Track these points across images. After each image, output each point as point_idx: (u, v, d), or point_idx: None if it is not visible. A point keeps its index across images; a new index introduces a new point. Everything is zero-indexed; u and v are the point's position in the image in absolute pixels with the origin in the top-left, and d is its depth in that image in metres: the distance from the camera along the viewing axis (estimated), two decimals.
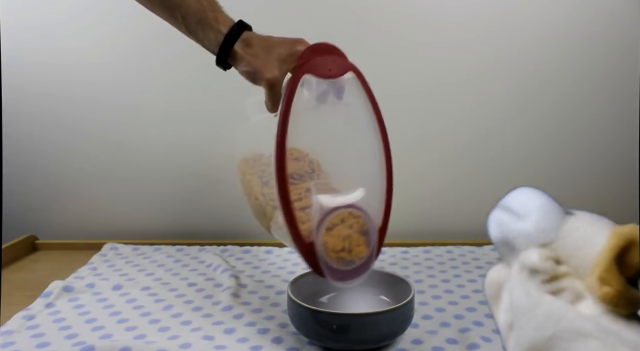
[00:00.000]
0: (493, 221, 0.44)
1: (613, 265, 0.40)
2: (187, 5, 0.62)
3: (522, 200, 0.43)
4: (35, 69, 1.10)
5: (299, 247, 0.60)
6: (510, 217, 0.43)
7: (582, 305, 0.40)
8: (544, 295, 0.41)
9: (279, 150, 0.58)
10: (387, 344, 0.65)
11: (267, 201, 0.69)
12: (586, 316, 0.39)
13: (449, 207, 1.13)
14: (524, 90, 1.09)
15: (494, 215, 0.44)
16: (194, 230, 1.15)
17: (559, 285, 0.41)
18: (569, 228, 0.42)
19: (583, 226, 0.43)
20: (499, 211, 0.44)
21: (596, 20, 1.06)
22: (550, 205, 0.43)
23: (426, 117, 1.11)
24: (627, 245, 0.40)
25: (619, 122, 1.09)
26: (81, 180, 1.15)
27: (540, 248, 0.42)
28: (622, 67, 1.07)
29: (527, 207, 0.43)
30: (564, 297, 0.41)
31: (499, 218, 0.43)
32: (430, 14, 1.07)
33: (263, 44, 0.62)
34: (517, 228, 0.42)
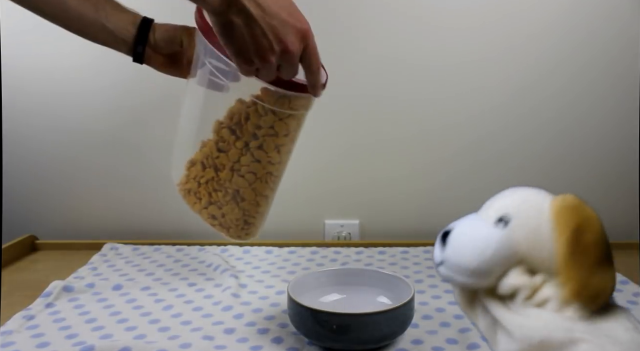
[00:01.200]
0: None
1: (569, 260, 0.39)
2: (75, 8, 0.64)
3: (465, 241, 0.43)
4: (35, 69, 1.10)
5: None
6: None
7: (569, 310, 0.40)
8: (530, 309, 0.41)
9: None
10: (387, 344, 0.65)
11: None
12: (574, 320, 0.39)
13: (449, 207, 1.13)
14: (524, 89, 1.09)
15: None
16: (194, 230, 1.15)
17: (542, 296, 0.41)
18: (513, 235, 0.42)
19: (520, 224, 0.42)
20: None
21: (595, 19, 1.06)
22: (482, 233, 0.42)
23: (426, 117, 1.11)
24: (577, 228, 0.40)
25: (619, 122, 1.09)
26: (81, 180, 1.15)
27: (514, 269, 0.41)
28: (622, 67, 1.07)
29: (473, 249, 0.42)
30: (550, 307, 0.40)
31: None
32: (430, 13, 1.07)
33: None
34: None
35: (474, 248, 0.41)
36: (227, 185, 0.63)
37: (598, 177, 1.11)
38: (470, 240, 0.42)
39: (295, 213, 1.15)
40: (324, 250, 1.03)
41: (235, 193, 0.63)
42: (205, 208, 0.65)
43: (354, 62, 1.09)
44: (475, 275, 0.41)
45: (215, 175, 0.63)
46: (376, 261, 0.97)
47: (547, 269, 0.41)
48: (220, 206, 0.64)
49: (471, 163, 1.12)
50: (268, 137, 0.61)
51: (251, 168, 0.62)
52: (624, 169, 1.09)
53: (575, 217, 0.40)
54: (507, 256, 0.41)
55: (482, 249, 0.41)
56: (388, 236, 1.13)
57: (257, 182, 0.64)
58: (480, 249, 0.41)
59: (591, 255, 0.40)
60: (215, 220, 0.65)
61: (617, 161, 1.10)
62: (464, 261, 0.41)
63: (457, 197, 1.12)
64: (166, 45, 0.67)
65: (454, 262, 0.42)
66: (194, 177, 0.65)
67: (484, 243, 0.41)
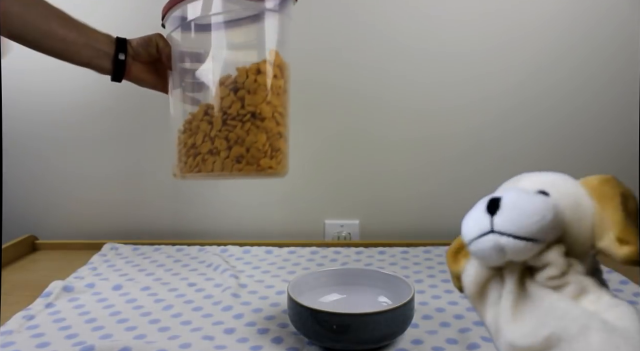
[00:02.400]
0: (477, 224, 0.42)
1: (626, 222, 0.40)
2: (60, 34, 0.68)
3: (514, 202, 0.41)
4: (34, 68, 1.10)
5: None
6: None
7: (585, 300, 0.40)
8: (548, 292, 0.41)
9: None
10: (387, 344, 0.65)
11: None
12: (590, 313, 0.39)
13: (449, 207, 1.13)
14: (523, 90, 1.09)
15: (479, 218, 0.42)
16: (194, 230, 1.15)
17: (565, 279, 0.41)
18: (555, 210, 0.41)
19: (561, 196, 0.42)
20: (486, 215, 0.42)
21: (594, 16, 1.06)
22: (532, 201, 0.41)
23: (427, 118, 1.11)
24: (623, 194, 0.41)
25: (619, 122, 1.09)
26: (81, 180, 1.15)
27: (555, 245, 0.41)
28: (622, 66, 1.07)
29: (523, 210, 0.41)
30: (568, 290, 0.40)
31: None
32: (430, 12, 1.07)
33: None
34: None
35: (536, 211, 0.40)
36: (242, 112, 0.64)
37: None
38: (531, 204, 0.40)
39: (295, 213, 1.15)
40: (324, 250, 1.03)
41: (251, 117, 0.64)
42: (227, 157, 0.64)
43: (354, 62, 1.09)
44: (534, 239, 0.40)
45: (225, 116, 0.64)
46: (376, 261, 0.97)
47: (581, 245, 0.41)
48: (242, 140, 0.64)
49: (471, 164, 1.12)
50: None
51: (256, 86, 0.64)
52: (624, 169, 1.09)
53: (617, 186, 0.42)
54: (560, 223, 0.41)
55: (543, 212, 0.40)
56: (388, 236, 1.13)
57: (270, 95, 0.65)
58: (542, 212, 0.40)
59: (636, 220, 0.41)
60: (240, 163, 0.64)
61: (617, 161, 1.10)
62: (526, 224, 0.40)
63: (458, 197, 1.12)
64: (143, 50, 0.70)
65: (512, 226, 0.40)
66: (202, 141, 0.65)
67: (544, 207, 0.40)
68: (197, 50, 0.68)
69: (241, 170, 0.64)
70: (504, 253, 0.41)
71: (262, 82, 0.64)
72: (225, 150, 0.64)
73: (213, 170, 0.65)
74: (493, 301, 0.45)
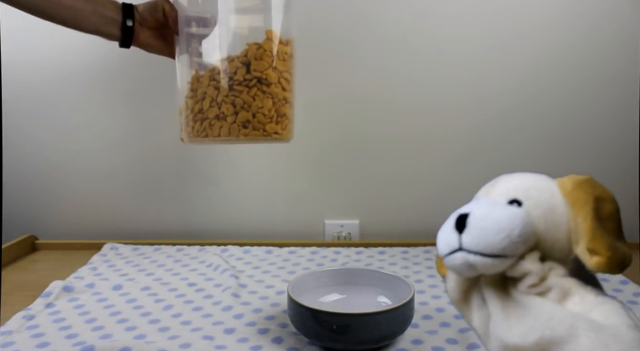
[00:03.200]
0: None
1: (596, 231, 0.39)
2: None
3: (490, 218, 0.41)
4: (35, 68, 1.10)
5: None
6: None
7: (570, 302, 0.40)
8: (532, 298, 0.41)
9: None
10: (387, 344, 0.65)
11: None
12: (576, 315, 0.38)
13: (449, 207, 1.12)
14: (523, 89, 1.09)
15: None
16: (194, 230, 1.15)
17: (547, 285, 0.41)
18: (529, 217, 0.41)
19: (534, 205, 0.42)
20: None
21: (595, 17, 1.06)
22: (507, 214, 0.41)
23: (427, 118, 1.11)
24: (596, 200, 0.40)
25: (619, 122, 1.09)
26: (81, 180, 1.15)
27: (531, 254, 0.41)
28: (622, 66, 1.07)
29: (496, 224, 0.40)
30: (552, 296, 0.40)
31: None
32: (430, 12, 1.07)
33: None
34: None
35: (502, 228, 0.39)
36: (249, 77, 0.65)
37: (598, 177, 1.10)
38: (496, 220, 0.40)
39: (295, 213, 1.15)
40: (324, 250, 1.03)
41: (257, 82, 0.65)
42: (233, 122, 0.65)
43: (354, 63, 1.09)
44: (502, 255, 0.39)
45: (231, 81, 0.65)
46: (376, 261, 0.97)
47: (559, 250, 0.41)
48: (249, 105, 0.65)
49: (472, 164, 1.12)
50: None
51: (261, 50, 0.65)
52: (623, 169, 1.09)
53: (592, 189, 0.41)
54: (530, 235, 0.40)
55: (510, 228, 0.39)
56: (388, 236, 1.13)
57: (276, 61, 0.66)
58: (509, 228, 0.39)
59: (613, 224, 0.40)
60: (247, 128, 0.66)
61: (617, 161, 1.10)
62: (492, 242, 0.39)
63: (458, 197, 1.11)
64: (150, 16, 0.71)
65: (478, 245, 0.40)
66: (209, 106, 0.66)
67: (511, 222, 0.40)
68: (204, 14, 0.69)
69: (247, 135, 0.66)
70: (475, 269, 0.41)
71: (267, 48, 0.65)
72: (232, 115, 0.65)
73: (220, 135, 0.66)
74: (478, 304, 0.45)
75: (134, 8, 0.71)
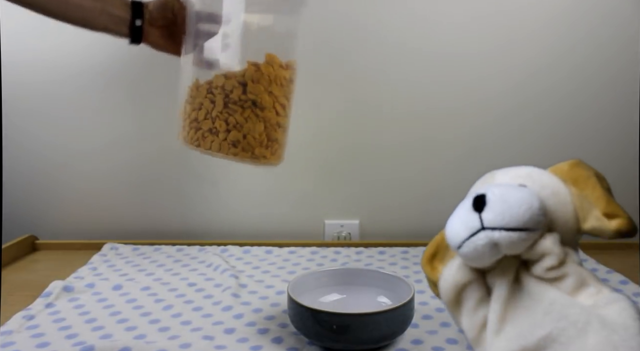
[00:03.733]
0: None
1: (609, 196, 0.40)
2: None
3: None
4: (35, 69, 1.10)
5: None
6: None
7: (585, 292, 0.39)
8: (545, 288, 0.40)
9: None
10: (387, 344, 0.65)
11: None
12: (588, 311, 0.38)
13: (449, 207, 1.12)
14: (523, 89, 1.09)
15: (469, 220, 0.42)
16: (194, 230, 1.15)
17: (564, 270, 0.40)
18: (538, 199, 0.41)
19: (540, 187, 0.43)
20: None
21: (595, 21, 1.06)
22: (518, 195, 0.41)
23: (427, 119, 1.11)
24: (596, 174, 0.43)
25: (619, 122, 1.09)
26: (81, 180, 1.15)
27: (549, 234, 0.41)
28: (622, 66, 1.07)
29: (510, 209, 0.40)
30: (567, 283, 0.40)
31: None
32: (430, 12, 1.07)
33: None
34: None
35: (523, 200, 0.40)
36: (244, 98, 0.65)
37: None
38: (517, 195, 0.40)
39: (295, 213, 1.15)
40: (324, 250, 1.03)
41: (252, 105, 0.65)
42: (224, 139, 0.65)
43: (354, 64, 1.09)
44: (527, 228, 0.39)
45: (226, 98, 0.65)
46: (376, 261, 0.97)
47: (568, 231, 0.42)
48: (240, 126, 0.65)
49: (472, 164, 1.11)
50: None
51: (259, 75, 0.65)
52: (623, 169, 1.09)
53: (589, 167, 0.44)
54: (546, 210, 0.41)
55: (531, 201, 0.40)
56: (388, 236, 1.13)
57: (273, 86, 0.66)
58: (530, 201, 0.40)
59: (613, 197, 0.42)
60: (236, 148, 0.65)
61: (617, 161, 1.10)
62: (516, 214, 0.39)
63: (458, 197, 1.11)
64: (159, 14, 0.70)
65: (503, 219, 0.39)
66: (204, 117, 0.66)
67: (529, 197, 0.40)
68: (212, 11, 0.68)
69: (236, 155, 0.65)
70: (498, 249, 0.40)
71: (265, 71, 0.65)
72: (224, 132, 0.65)
73: (211, 148, 0.66)
74: (470, 307, 0.45)
75: (144, 6, 0.70)
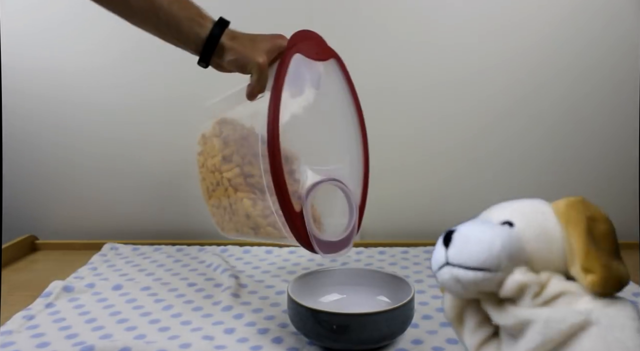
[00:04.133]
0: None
1: (590, 249, 0.39)
2: (166, 8, 0.63)
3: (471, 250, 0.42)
4: (35, 70, 1.10)
5: (287, 216, 0.61)
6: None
7: (581, 301, 0.40)
8: (535, 309, 0.40)
9: (272, 126, 0.60)
10: (387, 344, 0.65)
11: (221, 179, 0.72)
12: (587, 312, 0.38)
13: (449, 207, 1.13)
14: (523, 89, 1.09)
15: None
16: (194, 230, 1.15)
17: (551, 291, 0.40)
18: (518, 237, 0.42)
19: (527, 226, 0.42)
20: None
21: (595, 21, 1.06)
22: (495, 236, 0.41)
23: (426, 117, 1.11)
24: (588, 219, 0.40)
25: (619, 122, 1.09)
26: (81, 180, 1.15)
27: (519, 268, 0.41)
28: (622, 67, 1.07)
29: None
30: (562, 302, 0.40)
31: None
32: (430, 12, 1.07)
33: (248, 36, 0.66)
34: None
35: (482, 242, 0.40)
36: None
37: (598, 177, 1.11)
38: (478, 235, 0.41)
39: None
40: None
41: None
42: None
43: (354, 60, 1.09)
44: (484, 268, 0.40)
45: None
46: (376, 261, 0.97)
47: (556, 268, 0.41)
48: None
49: (472, 164, 1.11)
50: None
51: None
52: (624, 169, 1.09)
53: (585, 209, 0.41)
54: (516, 252, 0.40)
55: (490, 242, 0.40)
56: (388, 236, 1.13)
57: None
58: (489, 242, 0.40)
59: (607, 243, 0.41)
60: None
61: (617, 161, 1.10)
62: (472, 253, 0.40)
63: (458, 197, 1.12)
64: (233, 69, 0.66)
65: (461, 257, 0.41)
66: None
67: (492, 237, 0.41)
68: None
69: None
70: (461, 284, 0.41)
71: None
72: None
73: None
74: (472, 327, 0.45)
75: (219, 48, 0.64)
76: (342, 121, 0.74)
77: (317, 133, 0.72)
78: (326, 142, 0.74)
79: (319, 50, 0.69)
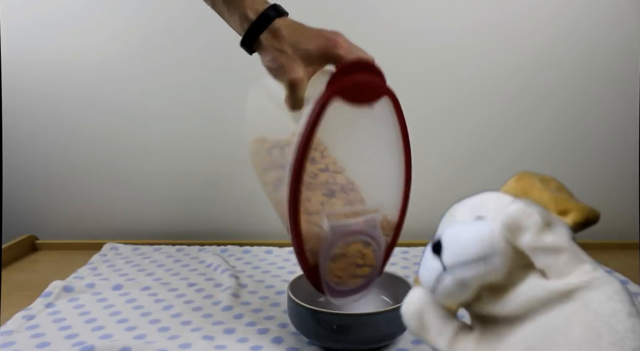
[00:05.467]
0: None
1: (556, 196, 0.42)
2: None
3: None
4: (36, 69, 1.10)
5: (303, 267, 0.60)
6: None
7: (579, 270, 0.38)
8: (530, 275, 0.40)
9: (295, 174, 0.53)
10: (387, 344, 0.65)
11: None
12: (576, 298, 0.38)
13: (449, 207, 1.13)
14: (525, 89, 1.09)
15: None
16: (194, 230, 1.15)
17: (554, 238, 0.39)
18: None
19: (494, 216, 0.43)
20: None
21: (598, 28, 1.06)
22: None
23: (428, 118, 1.11)
24: (540, 181, 0.44)
25: (619, 122, 1.09)
26: (81, 180, 1.15)
27: (533, 273, 0.41)
28: (622, 67, 1.07)
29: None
30: (562, 259, 0.38)
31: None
32: (433, 13, 1.07)
33: (293, 38, 0.56)
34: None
35: (471, 234, 0.41)
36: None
37: (598, 177, 1.11)
38: (465, 230, 0.42)
39: None
40: None
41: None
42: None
43: None
44: (481, 259, 0.40)
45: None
46: None
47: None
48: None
49: (472, 164, 1.12)
50: None
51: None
52: (624, 169, 1.09)
53: (532, 175, 0.44)
54: (501, 234, 0.41)
55: (478, 231, 0.41)
56: None
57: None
58: (477, 232, 0.41)
59: (565, 192, 0.43)
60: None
61: (617, 161, 1.10)
62: (468, 247, 0.40)
63: (458, 197, 1.12)
64: (269, 71, 0.58)
65: (458, 257, 0.41)
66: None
67: (476, 228, 0.41)
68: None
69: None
70: (466, 285, 0.41)
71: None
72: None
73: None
74: (437, 324, 0.45)
75: (260, 44, 0.56)
76: (385, 161, 0.68)
77: (356, 165, 0.67)
78: (365, 173, 0.68)
79: (368, 91, 0.59)
